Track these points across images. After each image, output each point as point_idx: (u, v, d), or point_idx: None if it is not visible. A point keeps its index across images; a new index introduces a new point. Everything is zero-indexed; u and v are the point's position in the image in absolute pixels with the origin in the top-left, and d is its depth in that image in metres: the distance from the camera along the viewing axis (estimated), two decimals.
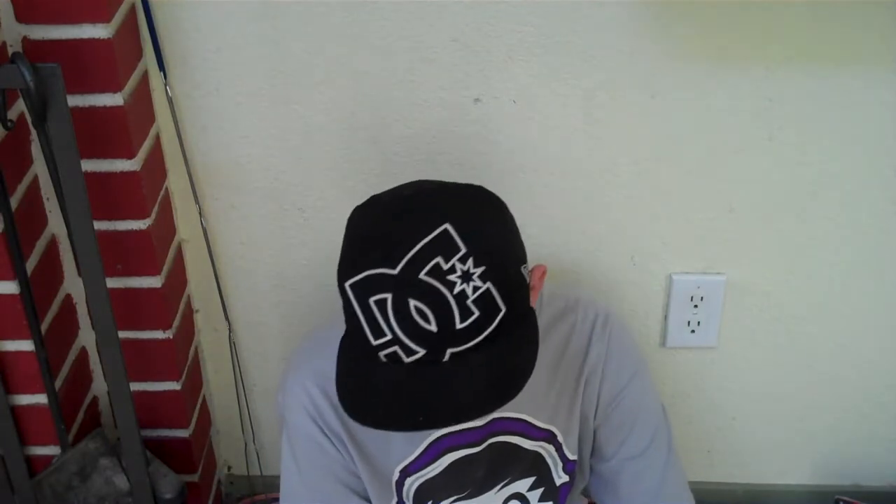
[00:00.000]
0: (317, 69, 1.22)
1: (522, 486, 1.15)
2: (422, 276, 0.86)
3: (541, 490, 1.16)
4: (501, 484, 1.14)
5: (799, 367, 1.46)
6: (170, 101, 1.23)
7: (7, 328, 1.16)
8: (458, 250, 0.87)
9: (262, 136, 1.27)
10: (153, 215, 1.23)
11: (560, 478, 1.16)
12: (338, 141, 1.27)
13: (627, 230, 1.34)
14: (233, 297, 1.41)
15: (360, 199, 0.96)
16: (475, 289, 0.86)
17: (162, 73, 1.21)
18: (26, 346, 1.18)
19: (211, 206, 1.32)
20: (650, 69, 1.21)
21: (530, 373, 0.89)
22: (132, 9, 1.16)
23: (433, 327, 0.86)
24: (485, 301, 0.87)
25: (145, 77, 1.21)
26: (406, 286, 0.86)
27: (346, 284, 0.89)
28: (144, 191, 1.19)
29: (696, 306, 1.39)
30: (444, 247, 0.87)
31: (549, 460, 1.14)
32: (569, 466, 1.15)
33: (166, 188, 1.30)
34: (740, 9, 1.17)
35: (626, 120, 1.25)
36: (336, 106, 1.24)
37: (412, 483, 1.11)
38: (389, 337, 0.87)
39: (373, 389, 0.89)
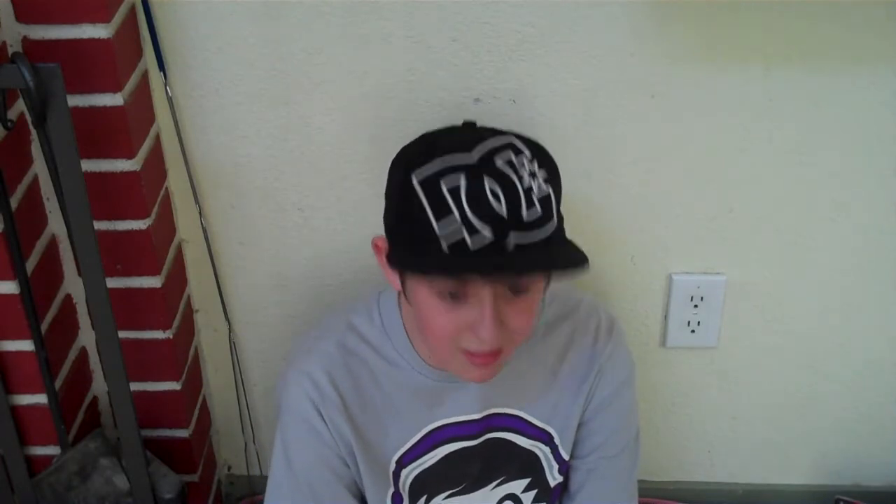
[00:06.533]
0: (317, 69, 1.22)
1: (517, 487, 1.15)
2: (497, 162, 0.90)
3: (535, 491, 1.16)
4: (496, 482, 1.14)
5: (799, 366, 1.46)
6: (170, 101, 1.23)
7: (7, 328, 1.16)
8: (525, 153, 0.93)
9: (262, 136, 1.27)
10: (153, 215, 1.23)
11: (554, 479, 1.16)
12: (338, 141, 1.27)
13: (627, 230, 1.34)
14: (233, 297, 1.41)
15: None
16: (540, 188, 0.91)
17: (162, 73, 1.21)
18: (26, 346, 1.18)
19: (211, 206, 1.32)
20: (650, 69, 1.21)
21: (587, 265, 0.92)
22: (132, 9, 1.16)
23: (503, 210, 0.88)
24: (546, 204, 0.91)
25: (145, 77, 1.21)
26: (483, 168, 0.89)
27: (414, 175, 0.91)
28: (144, 191, 1.19)
29: (696, 306, 1.39)
30: (514, 148, 0.93)
31: (543, 461, 1.14)
32: (563, 468, 1.15)
33: (166, 188, 1.30)
34: (740, 9, 1.17)
35: (626, 120, 1.25)
36: (336, 106, 1.24)
37: (409, 473, 1.11)
38: (458, 220, 0.88)
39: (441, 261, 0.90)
